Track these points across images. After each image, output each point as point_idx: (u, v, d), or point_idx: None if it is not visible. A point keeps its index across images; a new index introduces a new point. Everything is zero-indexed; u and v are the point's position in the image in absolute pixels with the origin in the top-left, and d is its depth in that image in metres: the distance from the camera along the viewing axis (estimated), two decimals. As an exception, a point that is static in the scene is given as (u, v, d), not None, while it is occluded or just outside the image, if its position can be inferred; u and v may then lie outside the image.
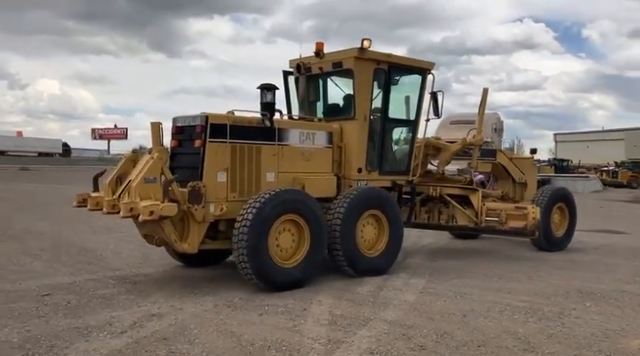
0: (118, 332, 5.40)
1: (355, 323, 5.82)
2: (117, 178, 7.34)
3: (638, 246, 12.01)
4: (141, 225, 7.05)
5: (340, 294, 7.01)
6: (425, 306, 6.54)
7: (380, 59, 8.71)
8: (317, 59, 8.87)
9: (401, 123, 9.54)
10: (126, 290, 7.07)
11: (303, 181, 7.97)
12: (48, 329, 5.47)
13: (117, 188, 7.21)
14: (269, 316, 6.05)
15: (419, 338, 5.39)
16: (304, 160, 8.18)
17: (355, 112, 8.53)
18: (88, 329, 5.46)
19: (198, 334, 5.40)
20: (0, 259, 8.91)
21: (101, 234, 11.80)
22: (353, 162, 8.61)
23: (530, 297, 7.04)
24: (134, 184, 6.73)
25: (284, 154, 7.92)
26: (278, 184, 7.68)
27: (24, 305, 6.33)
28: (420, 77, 9.36)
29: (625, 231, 14.91)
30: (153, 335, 5.35)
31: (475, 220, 10.07)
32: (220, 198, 7.22)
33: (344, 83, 9.23)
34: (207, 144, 7.17)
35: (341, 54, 8.70)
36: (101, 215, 7.31)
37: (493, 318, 6.10)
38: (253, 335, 5.38)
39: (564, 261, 9.88)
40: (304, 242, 7.38)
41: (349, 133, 8.60)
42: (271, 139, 7.81)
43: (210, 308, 6.33)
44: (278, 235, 7.14)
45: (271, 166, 7.77)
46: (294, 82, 9.40)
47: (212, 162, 7.20)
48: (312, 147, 8.27)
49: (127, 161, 7.50)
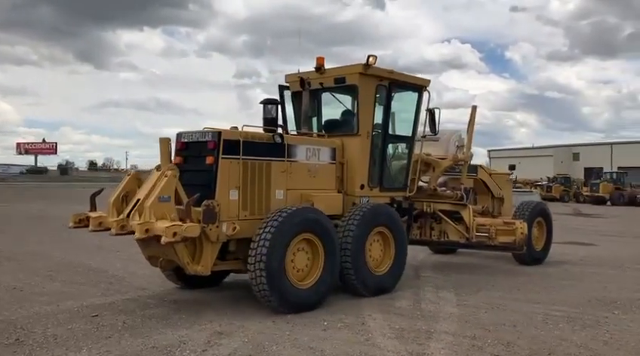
0: (200, 351, 5.41)
1: (420, 335, 6.04)
2: (123, 197, 7.07)
3: (614, 256, 12.74)
4: (147, 246, 6.84)
5: (383, 309, 7.21)
6: (472, 318, 6.84)
7: (382, 75, 8.70)
8: (317, 75, 8.81)
9: (400, 139, 9.60)
10: (172, 310, 7.02)
11: (312, 198, 7.84)
12: (128, 349, 5.43)
13: (123, 208, 6.89)
14: (334, 331, 6.19)
15: (489, 348, 5.66)
16: (310, 176, 8.04)
17: (359, 128, 8.49)
18: (168, 349, 5.46)
19: (279, 351, 5.48)
20: (10, 281, 8.62)
21: (96, 253, 11.52)
22: (356, 178, 8.53)
23: (560, 307, 7.45)
24: (148, 203, 6.41)
25: (292, 171, 7.77)
26: (287, 202, 7.56)
27: (81, 326, 6.22)
28: (417, 94, 9.45)
29: (591, 242, 15.79)
30: (237, 352, 5.40)
31: (467, 236, 10.26)
32: (232, 217, 6.98)
33: (344, 98, 9.29)
34: (219, 161, 6.95)
35: (344, 70, 8.67)
36: (85, 232, 7.13)
37: (542, 328, 6.46)
38: (334, 349, 5.51)
39: (559, 272, 10.44)
40: (318, 262, 7.25)
41: (351, 149, 8.53)
42: (281, 155, 7.65)
43: (270, 324, 6.39)
44: (293, 256, 7.00)
45: (280, 183, 7.60)
46: (291, 97, 9.33)
47: (225, 179, 6.97)
48: (318, 163, 8.15)
49: (131, 179, 7.23)
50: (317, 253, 7.24)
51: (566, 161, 71.81)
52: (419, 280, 9.26)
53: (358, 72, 8.43)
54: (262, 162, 7.40)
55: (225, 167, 6.98)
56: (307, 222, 7.12)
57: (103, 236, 6.99)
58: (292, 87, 9.25)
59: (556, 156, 73.79)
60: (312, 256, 7.24)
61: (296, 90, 9.12)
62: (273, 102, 8.38)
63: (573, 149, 76.50)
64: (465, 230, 10.30)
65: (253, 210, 7.23)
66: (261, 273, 6.63)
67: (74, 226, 7.17)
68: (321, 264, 7.24)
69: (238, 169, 7.11)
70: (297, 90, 9.04)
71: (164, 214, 6.38)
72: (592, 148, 75.06)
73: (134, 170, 7.58)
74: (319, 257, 7.24)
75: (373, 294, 7.80)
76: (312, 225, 7.16)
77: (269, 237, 6.68)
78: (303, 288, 7.03)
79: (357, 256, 7.65)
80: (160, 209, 6.39)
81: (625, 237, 18.18)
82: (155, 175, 6.84)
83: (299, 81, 8.84)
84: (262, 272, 6.62)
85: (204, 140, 7.13)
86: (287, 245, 6.85)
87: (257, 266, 6.64)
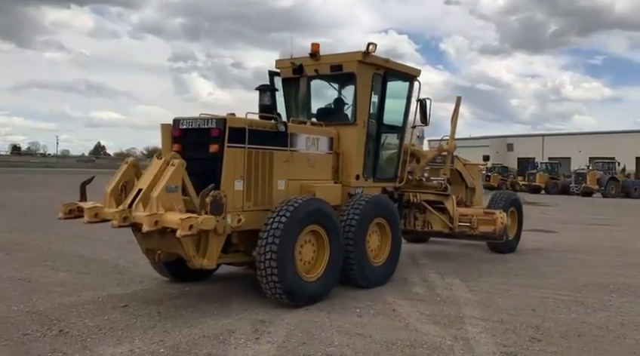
0: (254, 339, 5.50)
1: (453, 321, 6.31)
2: (122, 186, 6.74)
3: (580, 243, 13.48)
4: (147, 238, 6.56)
5: (403, 295, 7.46)
6: (490, 303, 7.18)
7: (379, 64, 8.58)
8: (311, 61, 8.59)
9: (392, 129, 9.41)
10: (198, 300, 7.00)
11: (313, 189, 7.67)
12: (181, 339, 5.45)
13: (121, 198, 6.59)
14: (369, 317, 6.38)
15: (522, 331, 5.99)
16: (309, 166, 7.86)
17: (356, 118, 8.37)
18: (220, 337, 5.51)
19: (329, 337, 5.62)
20: (9, 272, 8.36)
21: (82, 242, 11.24)
22: (352, 169, 8.40)
23: (563, 291, 7.92)
24: (155, 194, 6.10)
25: (293, 161, 7.57)
26: (288, 192, 7.38)
27: (117, 316, 6.17)
28: (408, 83, 9.40)
29: (551, 230, 16.61)
30: (290, 339, 5.52)
31: (450, 226, 10.50)
32: (237, 208, 6.71)
33: (340, 87, 9.16)
34: (225, 149, 6.66)
35: (342, 57, 8.47)
36: (53, 220, 6.91)
37: (558, 311, 6.87)
38: (382, 335, 5.71)
39: (541, 258, 10.99)
40: (323, 254, 7.13)
41: (347, 138, 8.39)
42: (283, 144, 7.42)
43: (305, 312, 6.52)
44: (300, 248, 6.86)
45: (282, 173, 7.39)
46: (282, 84, 9.05)
47: (230, 169, 6.69)
48: (316, 153, 7.98)
49: (129, 167, 6.87)
50: (322, 245, 7.13)
51: (501, 151, 74.35)
52: (419, 267, 9.57)
53: (357, 59, 8.25)
54: (265, 151, 7.15)
55: (230, 156, 6.70)
56: (316, 213, 6.99)
57: (73, 224, 6.78)
58: (283, 74, 8.99)
59: (492, 147, 76.30)
60: (318, 248, 7.14)
61: (287, 76, 8.90)
62: (269, 88, 8.24)
63: (508, 140, 79.36)
64: (448, 220, 10.54)
65: (257, 200, 7.01)
66: (271, 265, 6.45)
67: (64, 217, 6.75)
68: (326, 256, 7.13)
69: (243, 158, 6.86)
70: (288, 76, 8.85)
71: (171, 205, 6.12)
72: (525, 140, 78.17)
73: (132, 159, 7.15)
74: (325, 249, 7.14)
75: (372, 285, 7.80)
76: (319, 217, 7.05)
77: (280, 227, 6.51)
78: (310, 281, 6.92)
79: (358, 248, 7.62)
80: (168, 200, 6.12)
81: (578, 224, 19.19)
82: (157, 163, 6.50)
83: (292, 67, 8.67)
84: (273, 263, 6.44)
85: (206, 127, 6.83)
86: (297, 237, 6.73)
87: (267, 259, 6.46)
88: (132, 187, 6.64)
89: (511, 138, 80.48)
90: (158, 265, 7.52)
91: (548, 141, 75.20)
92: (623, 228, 18.24)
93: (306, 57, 8.63)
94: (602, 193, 42.47)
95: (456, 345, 5.46)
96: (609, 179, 43.18)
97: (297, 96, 8.85)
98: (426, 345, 5.45)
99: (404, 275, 8.72)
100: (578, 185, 43.46)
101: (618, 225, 19.23)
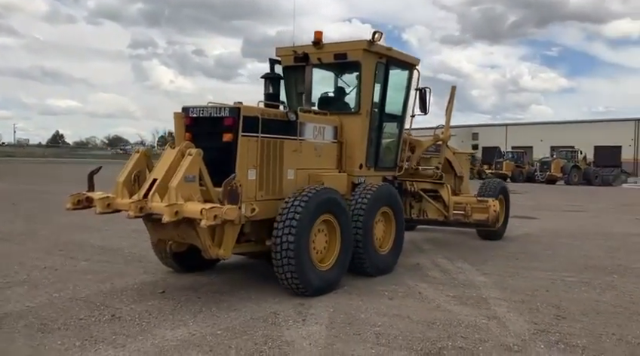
0: (301, 320, 5.78)
1: (480, 302, 6.70)
2: (135, 176, 6.67)
3: (563, 228, 14.09)
4: (159, 228, 6.49)
5: (422, 279, 7.85)
6: (506, 285, 7.60)
7: (382, 52, 8.57)
8: (314, 49, 8.52)
9: (392, 118, 9.43)
10: (231, 286, 7.21)
11: (321, 179, 7.69)
12: (233, 321, 5.71)
13: (135, 188, 6.55)
14: (400, 300, 6.73)
15: (545, 310, 6.41)
16: (316, 156, 7.87)
17: (360, 107, 8.39)
18: (269, 320, 5.78)
19: (370, 318, 5.94)
20: (31, 260, 8.45)
21: (87, 231, 11.31)
22: (355, 158, 8.43)
23: (568, 273, 8.41)
24: (174, 183, 6.01)
25: (302, 150, 7.57)
26: (297, 182, 7.41)
27: (160, 302, 6.38)
28: (408, 72, 9.44)
29: (532, 216, 17.26)
30: (335, 319, 5.82)
31: (446, 214, 10.68)
32: (250, 198, 6.68)
33: (343, 75, 9.19)
34: (239, 138, 6.63)
35: (346, 45, 8.46)
36: (49, 209, 7.02)
37: (570, 291, 7.34)
38: (419, 315, 6.06)
39: (534, 243, 11.53)
40: (334, 244, 7.18)
41: (350, 127, 8.40)
42: (293, 133, 7.42)
43: (336, 296, 6.83)
44: (314, 237, 6.90)
45: (292, 162, 7.39)
46: (283, 72, 8.91)
47: (244, 158, 6.66)
48: (322, 142, 8.00)
49: (141, 157, 6.79)
50: (334, 234, 7.19)
51: (466, 140, 75.73)
52: (426, 253, 9.96)
53: (362, 48, 8.26)
54: (276, 140, 7.16)
55: (244, 145, 6.68)
56: (329, 203, 7.04)
57: (69, 213, 6.75)
58: (284, 62, 8.92)
59: (458, 136, 77.57)
60: (329, 237, 7.19)
61: (288, 64, 8.83)
62: (274, 77, 8.25)
63: (473, 130, 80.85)
64: (443, 208, 10.74)
65: (268, 190, 7.04)
66: (290, 253, 6.47)
67: (72, 208, 6.61)
68: (338, 245, 7.19)
69: (257, 147, 6.85)
70: (290, 64, 8.78)
71: (190, 195, 6.05)
72: (489, 129, 79.87)
73: (144, 148, 7.14)
74: (336, 238, 7.19)
75: (380, 273, 7.91)
76: (332, 206, 7.09)
77: (296, 217, 6.53)
78: (323, 270, 6.97)
79: (367, 237, 7.68)
80: (186, 189, 6.04)
81: (553, 210, 19.91)
82: (171, 153, 6.45)
83: (294, 56, 8.59)
84: (290, 253, 6.46)
85: (219, 116, 6.77)
86: (312, 226, 6.78)
87: (284, 249, 6.48)
88: (144, 177, 6.62)
89: (476, 127, 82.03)
90: (166, 255, 7.48)
91: (511, 130, 77.01)
92: (596, 214, 19.02)
93: (308, 45, 8.59)
94: (565, 181, 43.86)
95: (490, 324, 5.84)
96: (572, 168, 44.56)
97: (298, 85, 8.73)
98: (464, 323, 5.82)
99: (416, 260, 9.12)
100: (543, 173, 44.75)
101: (590, 211, 20.02)
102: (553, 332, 5.60)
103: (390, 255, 8.32)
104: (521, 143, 66.26)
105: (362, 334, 5.43)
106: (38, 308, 6.04)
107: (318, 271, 6.86)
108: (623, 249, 11.03)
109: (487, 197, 11.30)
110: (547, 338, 5.43)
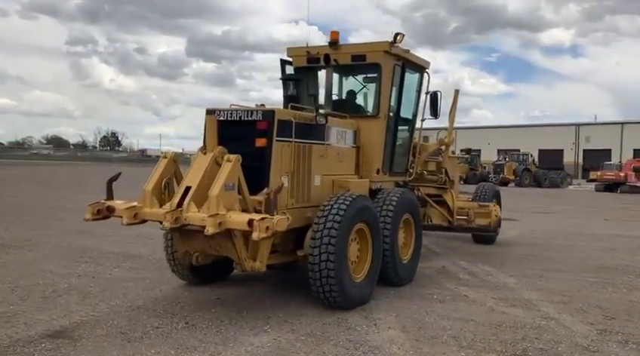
0: (372, 324, 5.92)
1: (526, 304, 6.98)
2: (165, 184, 6.29)
3: (553, 230, 14.64)
4: (190, 239, 6.12)
5: (458, 282, 8.09)
6: (538, 286, 7.92)
7: (400, 54, 8.39)
8: (330, 50, 8.26)
9: (405, 122, 9.23)
10: (276, 295, 7.17)
11: (347, 185, 7.43)
12: (307, 328, 5.76)
13: (164, 197, 6.20)
14: (450, 303, 6.93)
15: (589, 309, 6.74)
16: (338, 161, 7.63)
17: (379, 110, 8.21)
18: (343, 325, 5.88)
19: (435, 321, 6.12)
20: (58, 268, 8.25)
21: (94, 237, 11.06)
22: (373, 163, 8.23)
23: (586, 274, 8.81)
24: (215, 192, 5.62)
25: (327, 155, 7.32)
26: (322, 188, 7.19)
27: (223, 309, 6.37)
28: (419, 75, 9.25)
29: (512, 218, 17.77)
30: (399, 321, 5.99)
31: (450, 219, 10.70)
32: (282, 206, 6.32)
33: (361, 77, 9.04)
34: (274, 143, 6.35)
35: (366, 47, 8.27)
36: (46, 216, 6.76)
37: (601, 291, 7.71)
38: (481, 318, 6.27)
39: (534, 245, 11.92)
40: (366, 253, 6.92)
41: (369, 131, 8.18)
42: (320, 138, 7.19)
43: (388, 300, 6.99)
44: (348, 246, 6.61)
45: (318, 168, 7.13)
46: (295, 73, 8.63)
47: (278, 165, 6.40)
48: (344, 147, 7.78)
49: (169, 163, 6.38)
50: (365, 244, 6.91)
51: (419, 142, 77.08)
52: (443, 257, 10.20)
53: (383, 50, 8.07)
54: (305, 145, 6.88)
55: (278, 150, 6.39)
56: (364, 210, 6.78)
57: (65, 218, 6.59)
58: (295, 62, 8.67)
59: (412, 139, 79.12)
60: (361, 247, 6.89)
61: (300, 65, 8.62)
62: (295, 78, 8.10)
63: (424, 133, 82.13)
64: (448, 213, 10.78)
65: (298, 197, 6.78)
66: (328, 267, 6.16)
67: (92, 219, 6.14)
68: (369, 255, 6.94)
69: (290, 153, 6.59)
70: (302, 65, 8.59)
71: (231, 204, 5.72)
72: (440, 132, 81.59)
73: (171, 153, 6.58)
74: (367, 248, 6.93)
75: (403, 282, 7.72)
76: (366, 215, 6.82)
77: (336, 226, 6.22)
78: (358, 281, 6.70)
79: (393, 245, 7.46)
80: (227, 198, 5.70)
81: (524, 212, 20.49)
82: (203, 159, 6.04)
83: (307, 57, 8.43)
84: (329, 265, 6.16)
85: (250, 119, 6.46)
86: (349, 236, 6.53)
87: (324, 260, 6.16)
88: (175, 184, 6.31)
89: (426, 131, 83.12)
90: (183, 267, 7.13)
91: (460, 134, 78.79)
92: (568, 215, 19.85)
93: (323, 46, 8.41)
94: (517, 183, 45.38)
95: (551, 324, 6.10)
96: (523, 170, 46.22)
97: (310, 87, 8.54)
98: (528, 325, 6.05)
99: (439, 264, 9.37)
100: (497, 176, 46.09)
101: (558, 213, 20.85)
102: (615, 333, 5.89)
103: (411, 263, 8.13)
104: (469, 146, 68.04)
105: (439, 337, 5.60)
106: (106, 317, 5.96)
107: (354, 283, 6.59)
108: (617, 249, 11.60)
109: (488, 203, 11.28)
110: (614, 338, 5.72)
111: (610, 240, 13.09)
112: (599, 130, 75.01)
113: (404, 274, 7.78)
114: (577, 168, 71.88)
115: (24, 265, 8.43)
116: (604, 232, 14.70)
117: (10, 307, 6.25)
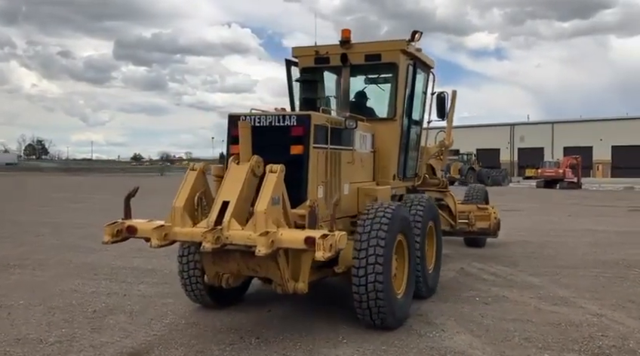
0: (440, 330, 5.95)
1: (565, 302, 7.19)
2: (199, 199, 5.74)
3: (537, 228, 15.12)
4: (224, 260, 5.56)
5: (486, 284, 8.24)
6: (564, 284, 8.18)
7: (413, 54, 8.02)
8: (341, 49, 7.87)
9: (415, 124, 8.82)
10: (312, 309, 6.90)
11: (375, 193, 7.04)
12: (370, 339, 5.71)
13: (197, 214, 5.66)
14: (499, 305, 7.05)
15: (626, 305, 7.01)
16: (361, 167, 7.25)
17: (395, 113, 7.87)
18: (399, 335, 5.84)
19: (496, 323, 6.22)
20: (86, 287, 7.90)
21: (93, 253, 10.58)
22: (390, 168, 7.88)
23: (598, 270, 9.17)
24: (263, 207, 5.09)
25: (354, 162, 6.94)
26: (350, 197, 6.82)
27: (284, 323, 6.27)
28: (426, 75, 8.90)
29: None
30: (475, 330, 6.05)
31: (452, 223, 10.45)
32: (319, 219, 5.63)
33: (374, 78, 8.61)
34: (311, 151, 5.91)
35: (381, 46, 7.87)
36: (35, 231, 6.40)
37: (620, 285, 8.09)
38: (537, 318, 6.42)
39: (529, 243, 12.24)
40: (404, 266, 6.46)
41: (385, 135, 7.79)
42: (348, 143, 6.80)
43: (434, 305, 7.06)
44: None
45: (346, 175, 6.72)
46: (300, 73, 8.26)
47: (314, 173, 5.96)
48: (365, 152, 7.40)
49: (199, 175, 5.81)
50: (402, 256, 6.45)
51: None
52: (453, 259, 10.31)
53: (400, 49, 7.71)
54: (335, 151, 6.42)
55: (314, 158, 5.94)
56: (404, 221, 6.37)
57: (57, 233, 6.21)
58: (302, 63, 8.30)
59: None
60: (397, 260, 6.36)
61: (306, 65, 8.24)
62: (312, 80, 7.69)
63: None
64: (450, 217, 10.52)
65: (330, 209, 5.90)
66: (376, 280, 5.64)
67: (111, 241, 5.50)
68: (406, 267, 6.50)
69: (325, 160, 6.17)
70: (308, 65, 8.22)
71: (278, 220, 5.22)
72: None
73: (200, 165, 5.96)
74: (404, 260, 6.48)
75: (430, 293, 7.37)
76: (405, 226, 6.41)
77: (382, 243, 5.71)
78: (399, 297, 6.20)
79: (423, 255, 7.10)
80: (275, 214, 5.20)
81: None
82: (238, 170, 5.52)
83: (314, 56, 8.10)
84: (377, 286, 5.65)
85: (283, 125, 5.98)
86: (393, 249, 6.04)
87: (370, 273, 5.65)
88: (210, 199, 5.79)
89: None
90: (202, 290, 6.59)
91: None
92: (535, 213, 20.62)
93: (332, 45, 8.00)
94: (461, 182, 46.61)
95: (604, 322, 6.31)
96: (468, 169, 47.64)
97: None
98: (584, 323, 6.24)
99: (456, 266, 9.53)
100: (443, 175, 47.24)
101: (525, 210, 21.51)
102: (669, 328, 6.17)
103: (435, 272, 7.75)
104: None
105: (512, 340, 5.70)
106: (170, 336, 5.76)
107: (397, 299, 6.08)
108: (601, 244, 12.16)
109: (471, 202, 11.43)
110: (673, 332, 5.98)
111: (589, 235, 13.69)
112: (532, 130, 78.44)
113: (431, 284, 7.45)
114: (513, 166, 74.76)
115: (40, 286, 8.03)
116: (578, 228, 15.36)
117: (62, 330, 5.95)
